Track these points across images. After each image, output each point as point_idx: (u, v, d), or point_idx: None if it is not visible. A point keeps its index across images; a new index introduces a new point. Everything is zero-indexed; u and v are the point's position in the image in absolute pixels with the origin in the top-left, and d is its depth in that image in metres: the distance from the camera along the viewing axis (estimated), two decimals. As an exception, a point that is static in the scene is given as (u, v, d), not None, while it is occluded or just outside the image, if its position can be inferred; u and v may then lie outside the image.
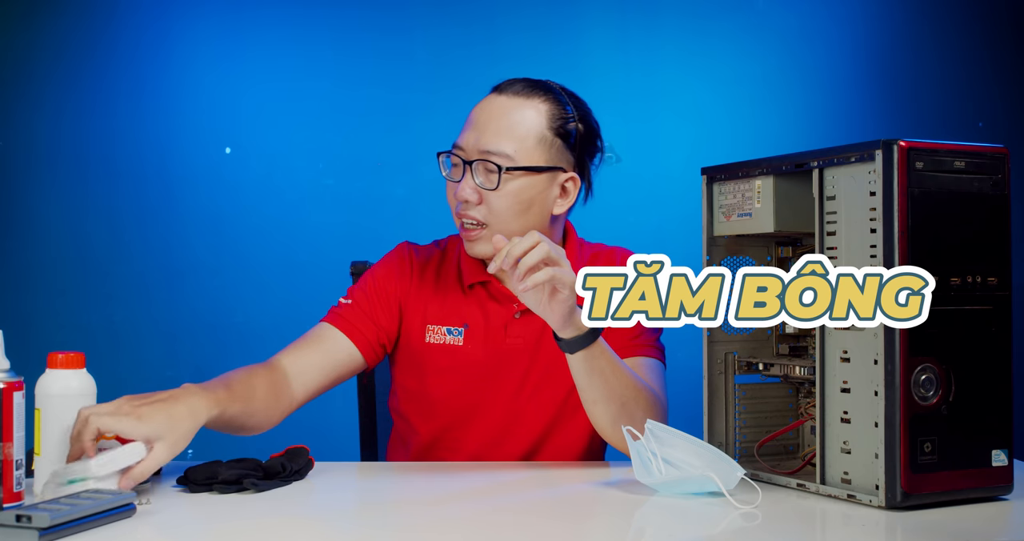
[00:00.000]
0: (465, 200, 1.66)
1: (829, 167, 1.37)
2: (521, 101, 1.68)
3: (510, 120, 1.66)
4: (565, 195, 1.71)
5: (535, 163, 1.66)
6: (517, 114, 1.67)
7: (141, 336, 2.92)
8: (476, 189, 1.66)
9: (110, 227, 2.93)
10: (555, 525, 1.28)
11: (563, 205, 1.71)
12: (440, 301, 1.75)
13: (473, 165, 1.65)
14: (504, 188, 1.65)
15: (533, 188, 1.67)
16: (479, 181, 1.65)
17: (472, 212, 1.66)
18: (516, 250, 1.44)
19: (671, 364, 1.75)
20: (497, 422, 1.72)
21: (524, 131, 1.66)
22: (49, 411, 1.38)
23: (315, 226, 2.94)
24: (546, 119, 1.68)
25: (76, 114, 2.94)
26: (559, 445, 1.72)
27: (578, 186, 1.72)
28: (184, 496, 1.38)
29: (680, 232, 2.76)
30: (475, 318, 1.73)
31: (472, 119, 1.69)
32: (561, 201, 1.71)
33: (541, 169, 1.67)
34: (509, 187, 1.65)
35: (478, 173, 1.65)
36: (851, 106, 3.05)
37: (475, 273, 1.74)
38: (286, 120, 2.97)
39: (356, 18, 2.99)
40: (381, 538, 1.23)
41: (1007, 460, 1.33)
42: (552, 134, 1.68)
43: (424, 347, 1.74)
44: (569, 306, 1.48)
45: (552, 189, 1.69)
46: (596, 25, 3.02)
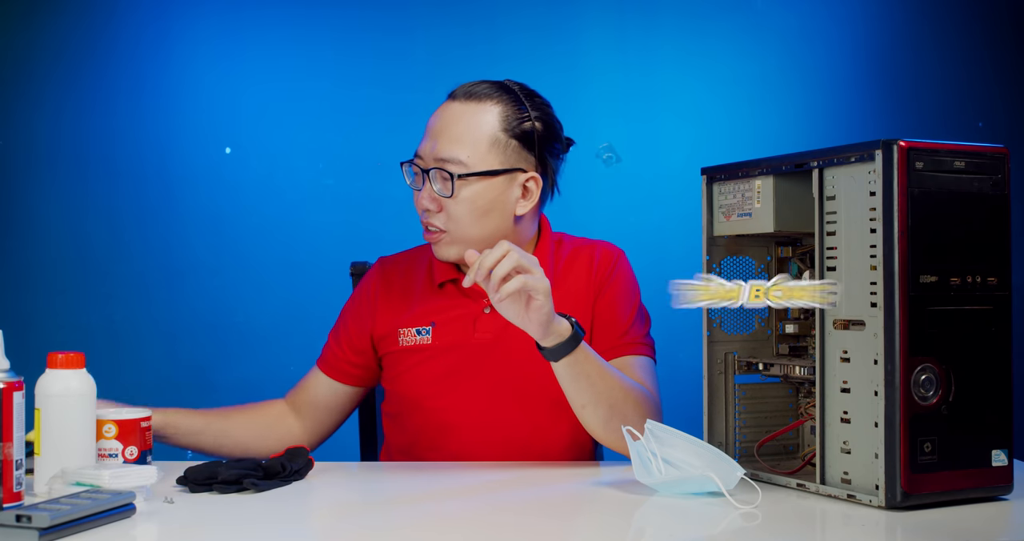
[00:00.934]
0: (425, 209, 1.68)
1: (829, 167, 1.37)
2: (473, 106, 1.69)
3: (462, 126, 1.67)
4: (527, 195, 1.71)
5: (490, 167, 1.67)
6: (469, 119, 1.68)
7: (141, 336, 2.92)
8: (434, 197, 1.68)
9: (110, 227, 2.93)
10: (555, 525, 1.28)
11: (526, 206, 1.71)
12: (411, 305, 1.78)
13: (430, 173, 1.68)
14: (460, 195, 1.66)
15: (490, 192, 1.68)
16: (436, 189, 1.67)
17: (433, 220, 1.69)
18: (487, 262, 1.45)
19: (671, 364, 1.75)
20: (474, 419, 1.72)
21: (477, 136, 1.67)
22: (49, 411, 1.38)
23: (315, 226, 2.94)
24: (499, 121, 1.68)
25: (76, 114, 2.94)
26: (542, 442, 1.72)
27: (540, 185, 1.72)
28: (184, 496, 1.38)
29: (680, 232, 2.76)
30: (443, 315, 1.75)
31: (429, 127, 1.72)
32: (523, 202, 1.71)
33: (496, 172, 1.68)
34: (464, 193, 1.66)
35: (435, 181, 1.68)
36: (851, 106, 3.05)
37: (446, 271, 1.77)
38: (286, 120, 2.96)
39: (356, 18, 2.98)
40: (381, 538, 1.23)
41: (1007, 460, 1.33)
42: (507, 135, 1.68)
43: (398, 350, 1.77)
44: (546, 313, 1.47)
45: (512, 190, 1.70)
46: (595, 25, 3.01)
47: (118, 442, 1.44)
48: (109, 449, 1.44)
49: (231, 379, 2.92)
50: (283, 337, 2.92)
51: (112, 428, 1.44)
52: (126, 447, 1.45)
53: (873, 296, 1.31)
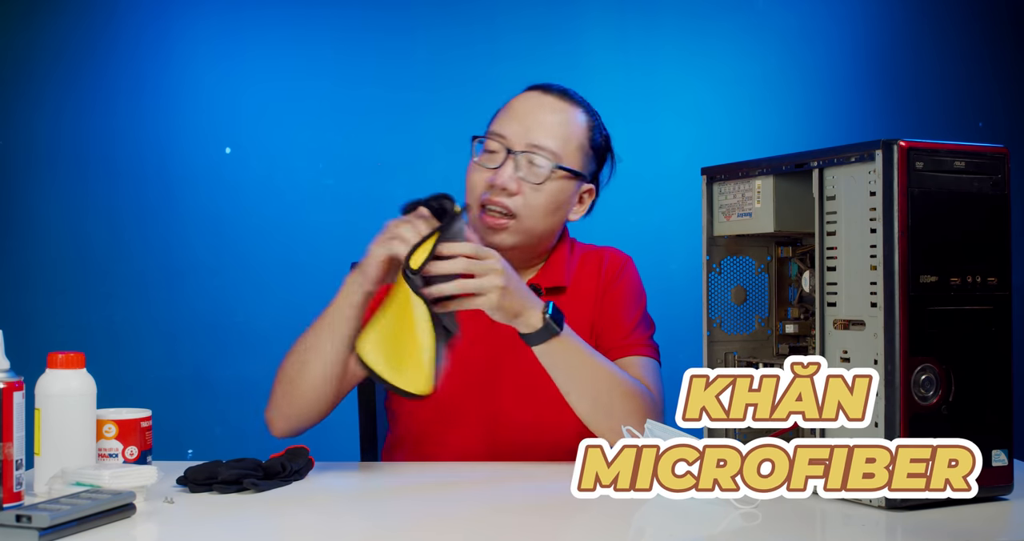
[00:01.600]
0: (504, 187, 1.66)
1: (829, 167, 1.37)
2: (567, 105, 1.72)
3: (559, 120, 1.69)
4: (582, 204, 1.76)
5: (575, 167, 1.68)
6: (565, 116, 1.70)
7: (141, 336, 2.92)
8: (516, 179, 1.66)
9: (110, 227, 2.93)
10: (555, 524, 1.28)
11: (578, 213, 1.77)
12: None
13: (518, 155, 1.66)
14: (547, 185, 1.67)
15: (567, 191, 1.71)
16: (522, 173, 1.66)
17: (505, 201, 1.67)
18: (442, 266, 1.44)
19: (672, 364, 1.75)
20: (481, 412, 1.73)
21: (569, 134, 1.70)
22: (49, 411, 1.38)
23: (315, 226, 2.94)
24: (586, 127, 1.73)
25: (76, 114, 2.94)
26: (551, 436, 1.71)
27: (593, 197, 1.78)
28: (184, 496, 1.38)
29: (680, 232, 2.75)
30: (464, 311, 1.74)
31: (516, 111, 1.71)
32: (578, 208, 1.76)
33: (579, 174, 1.71)
34: (551, 185, 1.68)
35: (523, 165, 1.67)
36: (851, 106, 3.05)
37: None
38: (286, 120, 2.96)
39: (356, 18, 2.98)
40: (381, 537, 1.23)
41: (1007, 460, 1.33)
42: (588, 143, 1.73)
43: None
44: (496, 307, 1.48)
45: (575, 196, 1.74)
46: (596, 25, 3.01)
47: (118, 442, 1.44)
48: (109, 449, 1.44)
49: (231, 379, 2.93)
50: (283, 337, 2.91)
51: (112, 428, 1.44)
52: (126, 447, 1.45)
53: (873, 296, 1.31)
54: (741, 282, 1.58)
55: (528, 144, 1.67)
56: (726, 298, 1.58)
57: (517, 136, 1.68)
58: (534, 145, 1.67)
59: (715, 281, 1.57)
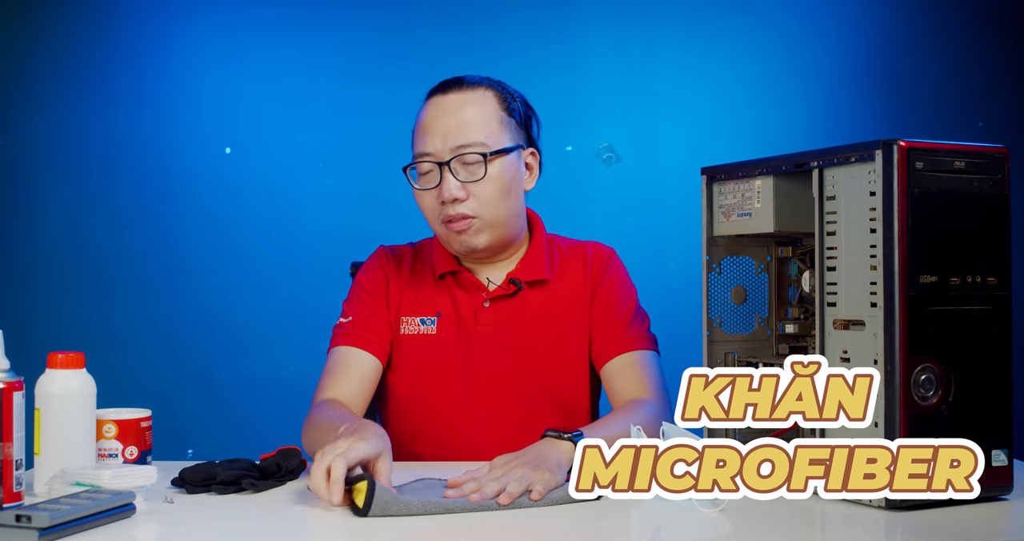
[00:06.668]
0: (453, 199, 1.68)
1: (829, 167, 1.37)
2: (469, 93, 1.73)
3: (470, 112, 1.70)
4: (530, 170, 1.78)
5: (504, 144, 1.70)
6: (474, 105, 1.71)
7: (141, 336, 2.92)
8: (461, 186, 1.68)
9: (110, 227, 2.93)
10: (555, 524, 1.28)
11: (531, 180, 1.78)
12: (413, 293, 1.79)
13: (450, 165, 1.67)
14: (489, 174, 1.68)
15: (511, 169, 1.72)
16: (462, 177, 1.67)
17: (460, 208, 1.69)
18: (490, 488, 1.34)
19: (671, 365, 1.75)
20: (473, 412, 1.74)
21: (484, 117, 1.70)
22: (49, 411, 1.38)
23: (315, 226, 2.95)
24: (497, 102, 1.73)
25: (76, 114, 2.94)
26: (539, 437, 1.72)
27: (538, 159, 1.79)
28: (183, 497, 1.38)
29: (680, 232, 2.76)
30: (446, 307, 1.77)
31: (428, 125, 1.72)
32: (529, 176, 1.78)
33: (511, 149, 1.72)
34: (492, 172, 1.69)
35: (458, 170, 1.68)
36: (851, 106, 3.05)
37: (446, 263, 1.78)
38: (286, 120, 2.97)
39: (357, 18, 2.99)
40: (381, 537, 1.23)
41: (1007, 460, 1.33)
42: (506, 115, 1.73)
43: (400, 339, 1.77)
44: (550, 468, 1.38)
45: (521, 167, 1.75)
46: (596, 25, 3.01)
47: (118, 442, 1.44)
48: (109, 449, 1.44)
49: (231, 379, 2.93)
50: (283, 337, 2.93)
51: (112, 428, 1.44)
52: (126, 447, 1.45)
53: (873, 296, 1.30)
54: (741, 282, 1.58)
55: (453, 149, 1.68)
56: (726, 298, 1.58)
57: (439, 148, 1.69)
58: (458, 147, 1.68)
59: (715, 281, 1.57)
